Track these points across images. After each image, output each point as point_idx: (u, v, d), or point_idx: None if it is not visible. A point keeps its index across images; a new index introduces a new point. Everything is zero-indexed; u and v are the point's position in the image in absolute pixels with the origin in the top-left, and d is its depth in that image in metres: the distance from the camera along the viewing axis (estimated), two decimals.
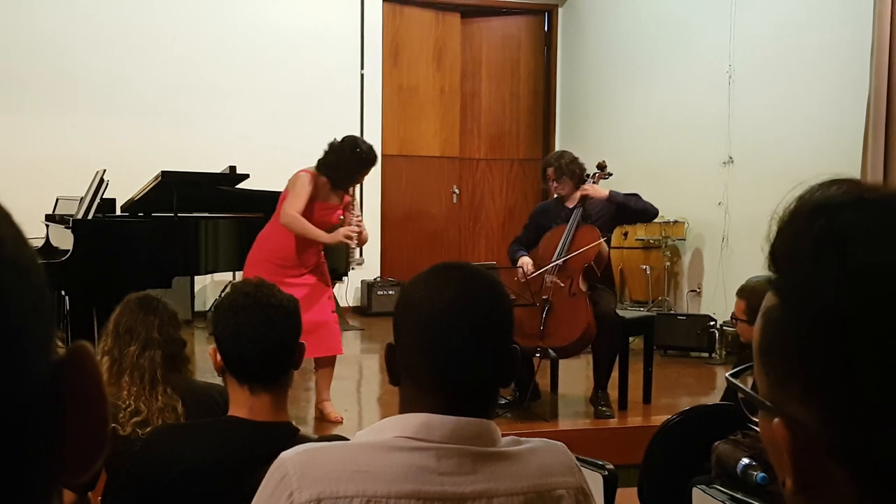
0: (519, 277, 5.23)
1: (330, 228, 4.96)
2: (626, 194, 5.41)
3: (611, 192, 5.39)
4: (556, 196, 5.56)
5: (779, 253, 0.68)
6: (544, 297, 5.11)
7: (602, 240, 5.23)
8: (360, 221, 5.07)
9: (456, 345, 1.45)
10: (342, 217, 5.04)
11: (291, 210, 4.83)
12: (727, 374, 0.79)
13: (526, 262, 5.32)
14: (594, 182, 5.48)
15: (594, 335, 5.05)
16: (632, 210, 5.42)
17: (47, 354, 0.53)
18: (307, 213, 4.87)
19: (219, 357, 2.17)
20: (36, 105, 8.24)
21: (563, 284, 5.14)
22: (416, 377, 1.48)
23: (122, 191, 6.03)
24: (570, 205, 5.43)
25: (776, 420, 0.68)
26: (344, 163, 4.93)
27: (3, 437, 0.49)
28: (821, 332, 0.64)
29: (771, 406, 0.69)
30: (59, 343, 0.57)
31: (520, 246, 5.51)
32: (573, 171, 5.43)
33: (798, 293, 0.66)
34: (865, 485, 0.64)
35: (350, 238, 4.92)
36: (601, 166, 5.60)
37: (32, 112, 8.23)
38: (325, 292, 5.09)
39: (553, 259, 5.20)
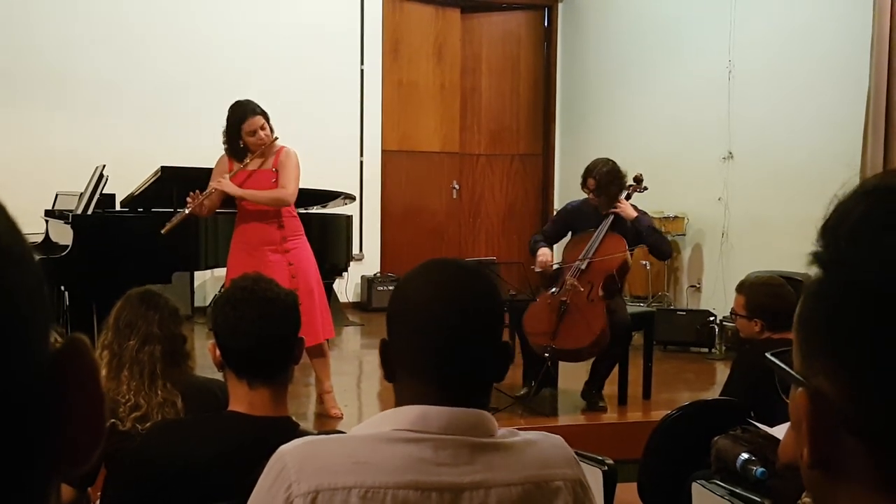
0: (534, 267, 5.23)
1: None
2: (650, 227, 5.35)
3: (638, 216, 5.31)
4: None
5: (828, 227, 0.69)
6: (563, 299, 5.11)
7: (628, 251, 5.22)
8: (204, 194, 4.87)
9: (450, 339, 1.46)
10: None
11: None
12: (768, 353, 0.80)
13: (546, 253, 5.31)
14: (628, 195, 5.45)
15: (607, 343, 5.05)
16: (646, 242, 5.35)
17: (44, 346, 0.53)
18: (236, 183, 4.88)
19: (218, 352, 2.18)
20: (36, 101, 8.24)
21: (582, 289, 5.13)
22: (411, 371, 1.48)
23: (122, 186, 6.03)
24: (604, 212, 5.38)
25: (799, 390, 0.69)
26: (227, 126, 4.89)
27: (0, 429, 0.50)
28: (854, 306, 0.65)
29: (798, 378, 0.70)
30: (59, 338, 0.57)
31: (543, 238, 5.48)
32: (611, 190, 5.31)
33: (838, 267, 0.67)
34: (883, 462, 0.65)
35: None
36: (638, 179, 5.53)
37: (32, 108, 8.23)
38: (300, 280, 4.82)
39: (578, 259, 5.20)
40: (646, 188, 5.60)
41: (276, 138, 4.89)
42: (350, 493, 1.35)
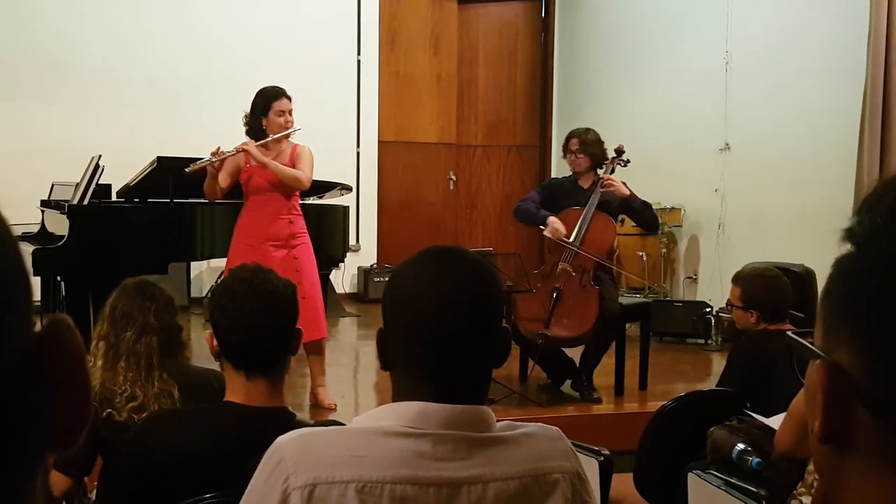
0: (548, 233, 5.14)
1: (277, 187, 4.87)
2: (642, 201, 5.31)
3: (632, 193, 5.27)
4: (571, 174, 5.45)
5: (865, 204, 0.69)
6: (556, 284, 5.08)
7: (616, 232, 5.21)
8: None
9: (448, 332, 1.43)
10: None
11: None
12: (789, 332, 0.80)
13: (560, 224, 5.13)
14: (611, 169, 5.40)
15: (598, 331, 5.04)
16: (639, 217, 5.35)
17: (26, 327, 0.53)
18: (247, 176, 4.88)
19: (215, 342, 2.17)
20: (32, 92, 8.22)
21: (574, 274, 5.10)
22: (407, 364, 1.47)
23: (118, 177, 6.01)
24: (585, 186, 5.34)
25: (817, 363, 0.69)
26: (252, 108, 4.94)
27: None
28: (886, 278, 0.65)
29: (817, 351, 0.71)
30: None
31: (532, 201, 5.32)
32: (595, 151, 5.34)
33: (873, 240, 0.67)
34: (894, 437, 0.65)
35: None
36: (619, 151, 5.46)
37: (29, 99, 8.21)
38: (304, 274, 4.87)
39: (570, 241, 5.15)
40: (628, 161, 5.49)
41: (299, 129, 4.94)
42: (347, 486, 1.35)
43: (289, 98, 4.92)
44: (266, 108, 4.89)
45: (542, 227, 5.20)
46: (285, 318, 2.17)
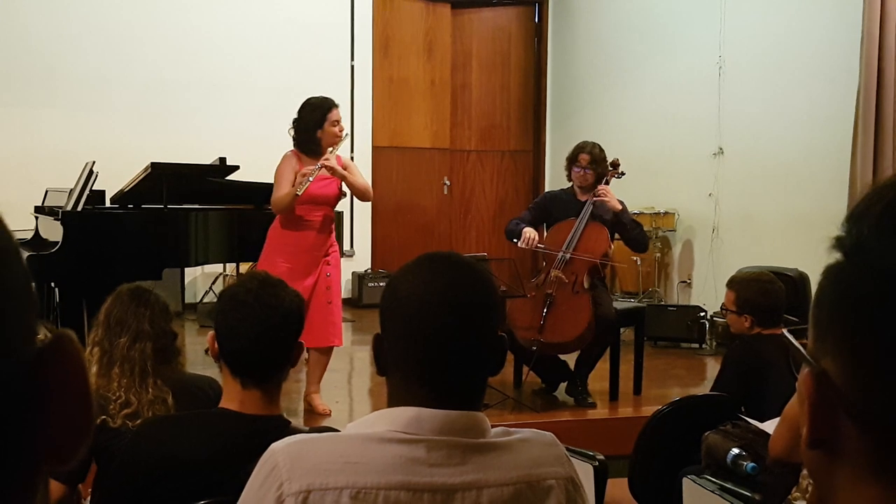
0: (521, 244, 5.21)
1: (331, 200, 4.92)
2: (632, 219, 5.37)
3: (624, 207, 5.33)
4: (569, 185, 5.51)
5: (854, 214, 0.69)
6: (548, 291, 5.11)
7: (610, 241, 5.24)
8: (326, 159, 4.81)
9: (444, 338, 1.44)
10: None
11: (274, 196, 4.85)
12: (784, 330, 0.80)
13: (531, 230, 5.25)
14: (606, 181, 5.44)
15: (592, 336, 5.05)
16: (627, 235, 5.37)
17: (29, 340, 0.53)
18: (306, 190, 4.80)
19: (216, 346, 2.17)
20: (26, 97, 8.20)
21: (566, 280, 5.13)
22: (404, 369, 1.47)
23: (112, 183, 6.00)
24: (583, 199, 5.37)
25: (805, 370, 0.70)
26: (303, 121, 4.93)
27: None
28: (869, 290, 0.66)
29: (807, 357, 0.71)
30: (49, 335, 0.56)
31: (521, 221, 5.42)
32: (603, 166, 5.38)
33: (859, 252, 0.68)
34: (879, 446, 0.65)
35: (305, 175, 4.75)
36: (614, 164, 5.50)
37: (22, 104, 8.19)
38: (334, 280, 4.98)
39: (562, 250, 5.19)
40: (623, 173, 5.56)
41: (348, 134, 4.98)
42: (341, 493, 1.35)
43: (337, 105, 4.96)
44: (322, 119, 4.89)
45: (515, 240, 5.27)
46: (288, 331, 2.15)
